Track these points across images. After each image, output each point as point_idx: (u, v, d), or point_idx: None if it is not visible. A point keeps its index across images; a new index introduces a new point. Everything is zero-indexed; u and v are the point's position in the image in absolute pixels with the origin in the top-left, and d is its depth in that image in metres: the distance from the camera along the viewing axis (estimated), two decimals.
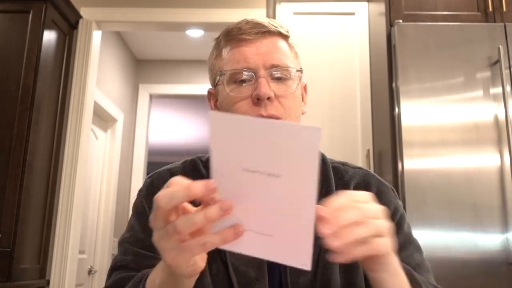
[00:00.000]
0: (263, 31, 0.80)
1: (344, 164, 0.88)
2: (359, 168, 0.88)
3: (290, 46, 0.85)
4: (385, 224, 0.54)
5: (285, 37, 0.84)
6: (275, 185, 0.47)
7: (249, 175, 0.47)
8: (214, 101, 0.87)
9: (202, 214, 0.49)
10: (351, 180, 0.84)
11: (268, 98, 0.77)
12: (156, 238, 0.52)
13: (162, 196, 0.50)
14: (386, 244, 0.54)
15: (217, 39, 0.87)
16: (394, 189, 0.87)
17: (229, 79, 0.80)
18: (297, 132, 0.44)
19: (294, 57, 0.85)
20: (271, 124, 0.45)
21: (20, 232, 2.25)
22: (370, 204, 0.55)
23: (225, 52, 0.82)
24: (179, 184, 0.51)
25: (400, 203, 0.85)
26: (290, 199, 0.47)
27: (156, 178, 0.86)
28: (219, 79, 0.82)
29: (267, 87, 0.77)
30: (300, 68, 0.83)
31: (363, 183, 0.84)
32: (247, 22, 0.82)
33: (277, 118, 0.78)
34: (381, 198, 0.82)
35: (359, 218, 0.51)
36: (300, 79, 0.84)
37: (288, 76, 0.81)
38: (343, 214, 0.51)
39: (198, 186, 0.48)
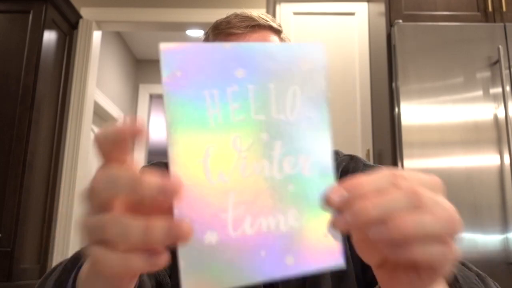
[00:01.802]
0: (253, 25, 0.76)
1: (335, 153, 0.85)
2: (347, 155, 0.84)
3: (283, 41, 0.81)
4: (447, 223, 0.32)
5: (277, 31, 0.80)
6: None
7: None
8: None
9: (143, 227, 0.29)
10: (338, 167, 0.80)
11: None
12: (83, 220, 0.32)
13: (100, 178, 0.31)
14: (434, 255, 0.31)
15: (205, 33, 0.82)
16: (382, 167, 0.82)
17: None
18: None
19: None
20: (239, 47, 0.33)
21: (20, 232, 2.25)
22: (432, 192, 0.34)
23: None
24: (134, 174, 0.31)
25: None
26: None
27: (152, 168, 0.83)
28: None
29: None
30: None
31: (347, 168, 0.80)
32: (236, 15, 0.77)
33: None
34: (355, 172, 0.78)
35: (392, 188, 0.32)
36: None
37: None
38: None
39: (152, 183, 0.29)
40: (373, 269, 0.38)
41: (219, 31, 0.77)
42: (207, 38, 0.82)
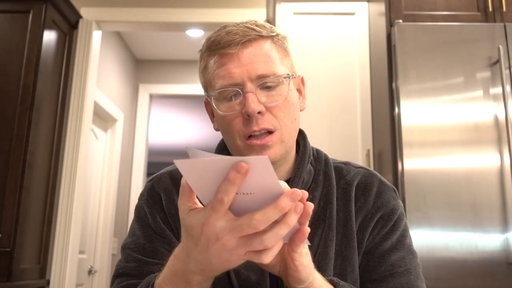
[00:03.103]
0: (243, 41, 0.77)
1: (346, 163, 0.89)
2: (362, 167, 0.88)
3: (277, 45, 0.80)
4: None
5: (269, 37, 0.80)
6: (251, 200, 0.53)
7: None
8: (211, 110, 0.84)
9: (275, 207, 0.51)
10: (353, 180, 0.84)
11: (259, 112, 0.75)
12: (221, 232, 0.52)
13: (260, 221, 0.52)
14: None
15: (201, 50, 0.83)
16: (395, 189, 0.87)
17: (218, 97, 0.78)
18: (249, 161, 0.50)
19: (282, 57, 0.80)
20: (230, 160, 0.50)
21: (20, 232, 2.25)
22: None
23: (210, 66, 0.80)
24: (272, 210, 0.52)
25: (400, 204, 0.85)
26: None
27: (157, 182, 0.87)
28: (209, 96, 0.80)
29: (255, 102, 0.74)
30: (288, 74, 0.79)
31: (364, 182, 0.85)
32: (227, 32, 0.78)
33: (270, 131, 0.76)
34: (380, 197, 0.83)
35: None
36: (293, 77, 0.81)
37: (277, 82, 0.77)
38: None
39: (287, 202, 0.51)
40: (281, 274, 0.64)
41: (212, 52, 0.79)
42: (202, 55, 0.83)
